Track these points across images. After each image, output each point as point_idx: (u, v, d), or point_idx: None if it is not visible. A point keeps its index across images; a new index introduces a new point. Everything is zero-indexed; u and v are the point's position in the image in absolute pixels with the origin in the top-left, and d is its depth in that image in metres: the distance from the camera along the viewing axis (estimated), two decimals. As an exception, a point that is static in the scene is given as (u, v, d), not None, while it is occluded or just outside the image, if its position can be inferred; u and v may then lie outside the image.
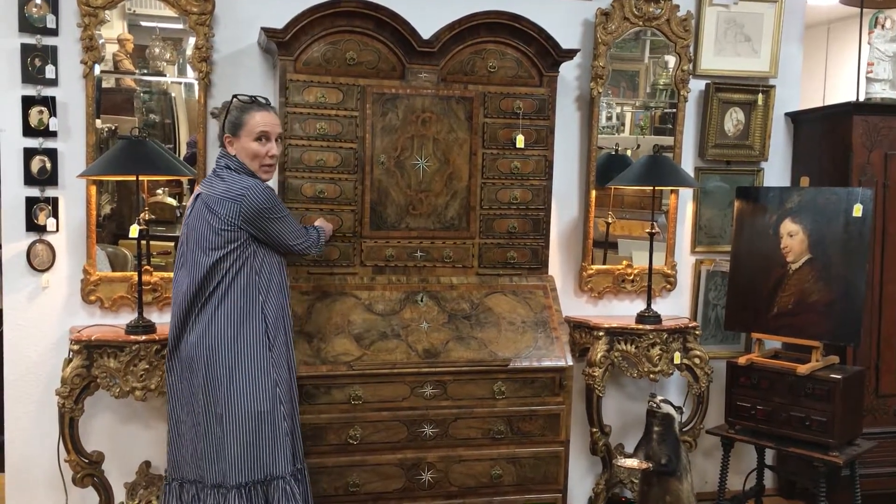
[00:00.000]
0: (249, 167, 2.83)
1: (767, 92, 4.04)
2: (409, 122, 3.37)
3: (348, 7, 3.21)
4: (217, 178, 2.82)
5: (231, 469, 2.75)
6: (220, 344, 2.75)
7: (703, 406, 3.82)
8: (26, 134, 3.32)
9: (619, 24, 3.80)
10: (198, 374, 2.77)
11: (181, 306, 2.80)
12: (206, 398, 2.76)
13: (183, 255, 2.83)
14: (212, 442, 2.76)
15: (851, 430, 3.51)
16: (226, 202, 2.74)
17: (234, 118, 2.84)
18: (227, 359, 2.75)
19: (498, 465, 3.30)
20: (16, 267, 3.36)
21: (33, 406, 3.41)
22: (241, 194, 2.74)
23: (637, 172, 3.65)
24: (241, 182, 2.78)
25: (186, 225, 2.84)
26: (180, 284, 2.81)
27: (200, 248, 2.77)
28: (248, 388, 2.77)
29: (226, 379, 2.75)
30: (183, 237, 2.85)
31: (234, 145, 2.84)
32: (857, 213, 3.45)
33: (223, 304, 2.76)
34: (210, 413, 2.76)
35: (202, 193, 2.82)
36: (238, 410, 2.76)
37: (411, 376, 3.20)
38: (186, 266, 2.80)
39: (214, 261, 2.75)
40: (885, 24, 3.91)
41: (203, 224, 2.77)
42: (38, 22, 3.29)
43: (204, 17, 3.37)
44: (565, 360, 3.33)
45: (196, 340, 2.76)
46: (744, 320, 3.76)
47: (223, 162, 2.85)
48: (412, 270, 3.43)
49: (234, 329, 2.77)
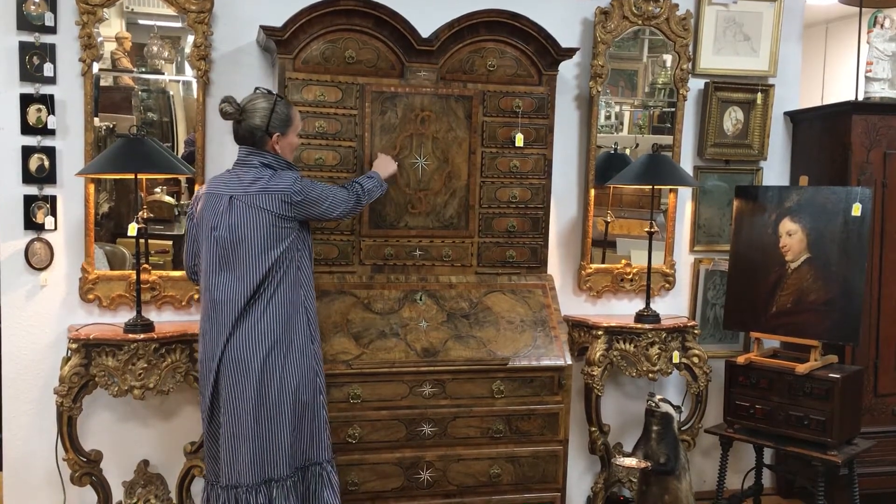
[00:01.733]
0: (288, 160, 2.88)
1: (766, 91, 4.04)
2: (408, 120, 3.36)
3: (347, 5, 3.21)
4: (250, 177, 2.79)
5: (282, 459, 2.78)
6: (273, 339, 2.76)
7: (702, 405, 3.82)
8: (24, 132, 3.31)
9: (618, 23, 3.80)
10: (250, 373, 2.74)
11: (233, 311, 2.75)
12: (257, 395, 2.75)
13: (220, 259, 2.78)
14: (251, 437, 2.75)
15: (850, 430, 3.51)
16: (275, 199, 2.76)
17: (284, 115, 2.84)
18: (279, 353, 2.77)
19: (497, 465, 3.30)
20: (14, 265, 3.35)
21: (31, 405, 3.40)
22: (289, 186, 2.78)
23: (636, 171, 3.65)
24: (285, 176, 2.80)
25: (228, 229, 2.76)
26: (229, 290, 2.76)
27: (256, 248, 2.75)
28: (295, 380, 2.80)
29: (277, 374, 2.76)
30: (219, 242, 2.77)
31: (279, 142, 2.85)
32: (855, 213, 3.45)
33: (275, 300, 2.77)
34: (257, 408, 2.75)
35: (235, 195, 2.77)
36: (286, 402, 2.78)
37: (410, 375, 3.20)
38: (233, 270, 2.76)
39: (274, 259, 2.76)
40: (884, 24, 3.91)
41: (255, 224, 2.75)
42: (36, 20, 3.28)
43: (203, 16, 3.36)
44: (564, 360, 3.33)
45: (247, 339, 2.74)
46: (742, 319, 3.76)
47: (258, 160, 2.81)
48: (411, 269, 3.43)
49: (284, 323, 2.79)
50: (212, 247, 2.80)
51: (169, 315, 3.47)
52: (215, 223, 2.79)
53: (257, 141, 2.83)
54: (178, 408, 3.55)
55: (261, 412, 2.76)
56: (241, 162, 2.85)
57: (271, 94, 2.86)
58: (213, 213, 2.81)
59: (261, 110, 2.81)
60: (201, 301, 2.90)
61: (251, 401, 2.75)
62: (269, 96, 2.85)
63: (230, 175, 2.85)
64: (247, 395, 2.75)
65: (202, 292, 2.88)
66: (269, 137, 2.83)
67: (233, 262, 2.77)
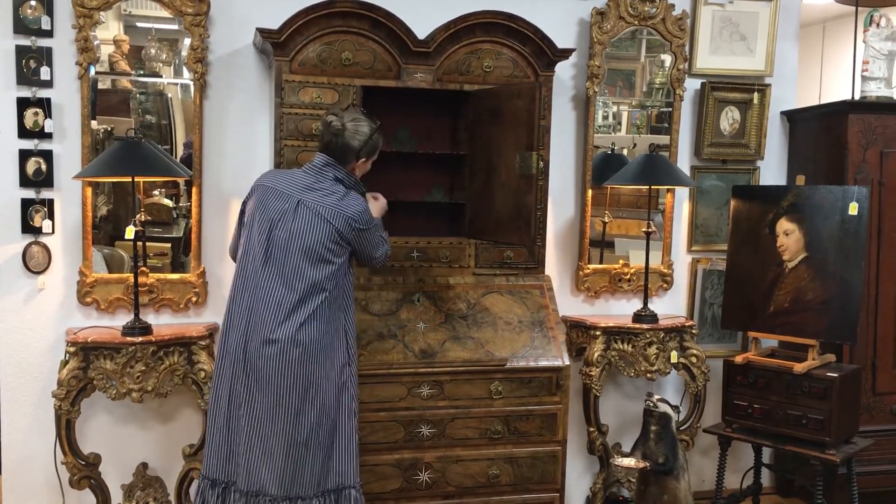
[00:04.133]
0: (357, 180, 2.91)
1: (763, 91, 4.04)
2: (405, 122, 3.37)
3: (344, 7, 3.21)
4: (323, 188, 2.79)
5: (311, 480, 2.77)
6: (310, 357, 2.74)
7: (700, 405, 3.83)
8: (21, 136, 3.31)
9: (614, 24, 3.80)
10: (282, 380, 2.72)
11: (269, 310, 2.73)
12: (296, 412, 2.73)
13: (273, 258, 2.75)
14: (281, 454, 2.74)
15: (848, 429, 3.51)
16: (343, 218, 2.76)
17: (376, 143, 2.91)
18: (314, 373, 2.75)
19: (495, 465, 3.30)
20: (11, 269, 3.36)
21: (30, 408, 3.41)
22: (360, 213, 2.80)
23: (633, 172, 3.66)
24: (357, 201, 2.82)
25: (289, 232, 2.74)
26: (272, 289, 2.74)
27: (308, 258, 2.74)
28: (331, 402, 2.80)
29: (311, 392, 2.75)
30: (276, 241, 2.75)
31: (360, 167, 2.90)
32: (852, 212, 3.46)
33: (318, 317, 2.75)
34: (295, 426, 2.73)
35: (304, 201, 2.76)
36: (321, 421, 2.77)
37: (408, 376, 3.20)
38: (280, 270, 2.74)
39: (324, 274, 2.76)
40: (879, 23, 3.91)
41: (318, 234, 2.74)
42: (32, 23, 3.28)
43: (199, 18, 3.37)
44: (562, 360, 3.33)
45: (288, 352, 2.72)
46: (740, 319, 3.76)
47: (333, 173, 2.82)
48: (409, 270, 3.43)
49: (328, 342, 2.78)
50: (266, 243, 2.77)
51: (167, 318, 3.47)
52: (276, 220, 2.77)
53: (344, 158, 2.85)
54: (177, 410, 3.55)
55: (298, 430, 2.74)
56: (316, 169, 2.84)
57: (375, 122, 2.89)
58: (276, 209, 2.78)
59: (362, 135, 2.85)
60: (237, 291, 2.81)
61: (289, 416, 2.73)
62: (372, 123, 2.88)
63: (299, 176, 2.83)
64: (286, 409, 2.73)
65: (244, 281, 2.81)
66: (356, 160, 2.87)
67: (284, 265, 2.75)
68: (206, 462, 2.87)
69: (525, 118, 3.13)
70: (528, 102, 3.13)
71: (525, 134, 3.14)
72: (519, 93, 3.20)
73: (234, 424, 2.79)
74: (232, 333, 2.79)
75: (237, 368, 2.77)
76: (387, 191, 3.37)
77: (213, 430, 2.85)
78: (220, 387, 2.82)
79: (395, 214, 3.44)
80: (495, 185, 3.31)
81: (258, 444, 2.75)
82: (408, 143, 3.60)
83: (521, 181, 3.18)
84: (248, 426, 2.76)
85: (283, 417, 2.73)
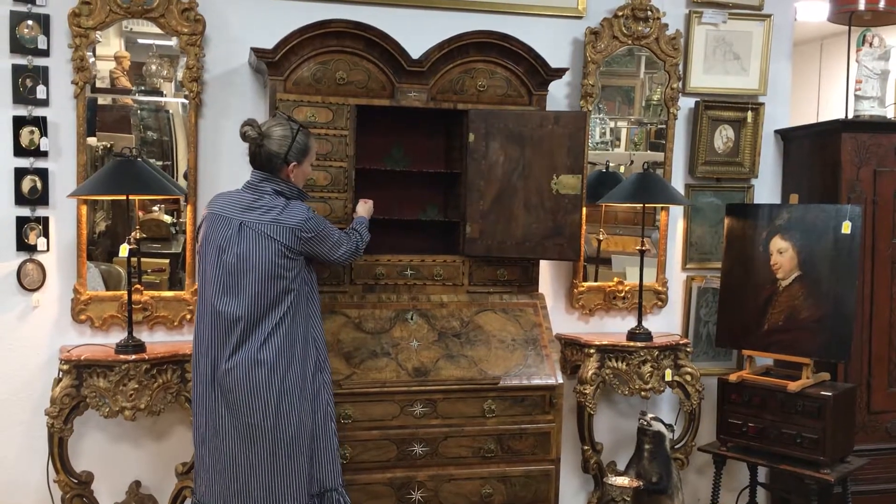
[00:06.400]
0: (299, 187, 2.90)
1: (757, 109, 4.06)
2: (398, 140, 3.39)
3: (338, 27, 3.23)
4: (262, 205, 2.79)
5: (298, 491, 2.80)
6: (284, 369, 2.77)
7: (695, 423, 3.82)
8: (17, 154, 3.33)
9: (608, 43, 3.83)
10: (267, 404, 2.75)
11: (230, 333, 2.74)
12: (272, 426, 2.75)
13: (225, 284, 2.76)
14: (265, 469, 2.76)
15: (843, 447, 3.50)
16: (285, 231, 2.77)
17: (302, 145, 2.87)
18: (283, 387, 2.77)
19: (488, 484, 3.29)
20: (6, 286, 3.36)
21: (23, 426, 3.40)
22: (302, 222, 2.79)
23: (627, 190, 3.67)
24: (298, 210, 2.82)
25: (237, 256, 2.75)
26: (229, 313, 2.74)
27: (259, 278, 2.74)
28: (306, 411, 2.83)
29: (285, 406, 2.77)
30: (226, 267, 2.76)
31: (294, 171, 2.87)
32: (846, 230, 3.46)
33: (279, 333, 2.77)
34: (265, 439, 2.76)
35: (246, 222, 2.76)
36: (299, 432, 2.80)
37: (401, 395, 3.19)
38: (238, 296, 2.75)
39: (280, 289, 2.77)
40: (872, 42, 3.93)
41: (264, 254, 2.75)
42: (29, 43, 3.31)
43: (195, 38, 3.39)
44: (555, 378, 3.33)
45: (256, 369, 2.74)
46: (734, 337, 3.76)
47: (270, 187, 2.82)
48: (402, 288, 3.43)
49: (293, 354, 2.79)
50: (217, 269, 2.78)
51: (161, 335, 3.47)
52: (223, 246, 2.78)
53: (274, 167, 2.84)
54: (170, 428, 3.55)
55: (278, 446, 2.77)
56: (253, 187, 2.85)
57: (293, 123, 2.88)
58: (222, 235, 2.79)
59: (283, 138, 2.83)
60: (199, 318, 2.84)
61: (266, 434, 2.75)
62: (290, 124, 2.87)
63: (239, 197, 2.84)
64: (262, 429, 2.75)
65: (203, 307, 2.83)
66: (286, 165, 2.85)
67: (238, 288, 2.76)
68: (196, 487, 2.92)
69: (568, 143, 3.35)
70: (573, 129, 3.35)
71: (570, 157, 3.36)
72: (557, 119, 3.37)
73: (215, 449, 2.81)
74: (202, 360, 2.82)
75: (209, 394, 2.80)
76: (381, 209, 3.40)
77: (198, 456, 2.89)
78: (198, 414, 2.86)
79: (390, 232, 3.46)
80: (515, 205, 3.38)
81: (243, 464, 2.77)
82: (402, 162, 3.61)
83: (560, 201, 3.37)
84: (231, 450, 2.78)
85: (261, 436, 2.76)
